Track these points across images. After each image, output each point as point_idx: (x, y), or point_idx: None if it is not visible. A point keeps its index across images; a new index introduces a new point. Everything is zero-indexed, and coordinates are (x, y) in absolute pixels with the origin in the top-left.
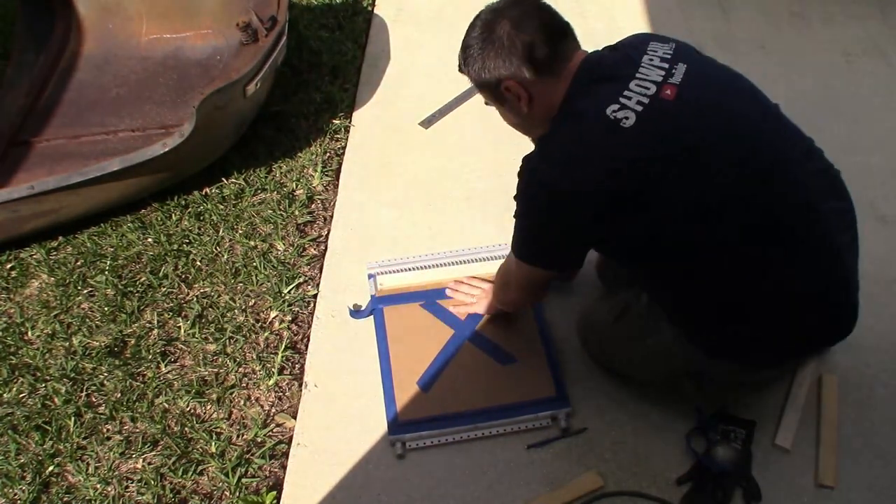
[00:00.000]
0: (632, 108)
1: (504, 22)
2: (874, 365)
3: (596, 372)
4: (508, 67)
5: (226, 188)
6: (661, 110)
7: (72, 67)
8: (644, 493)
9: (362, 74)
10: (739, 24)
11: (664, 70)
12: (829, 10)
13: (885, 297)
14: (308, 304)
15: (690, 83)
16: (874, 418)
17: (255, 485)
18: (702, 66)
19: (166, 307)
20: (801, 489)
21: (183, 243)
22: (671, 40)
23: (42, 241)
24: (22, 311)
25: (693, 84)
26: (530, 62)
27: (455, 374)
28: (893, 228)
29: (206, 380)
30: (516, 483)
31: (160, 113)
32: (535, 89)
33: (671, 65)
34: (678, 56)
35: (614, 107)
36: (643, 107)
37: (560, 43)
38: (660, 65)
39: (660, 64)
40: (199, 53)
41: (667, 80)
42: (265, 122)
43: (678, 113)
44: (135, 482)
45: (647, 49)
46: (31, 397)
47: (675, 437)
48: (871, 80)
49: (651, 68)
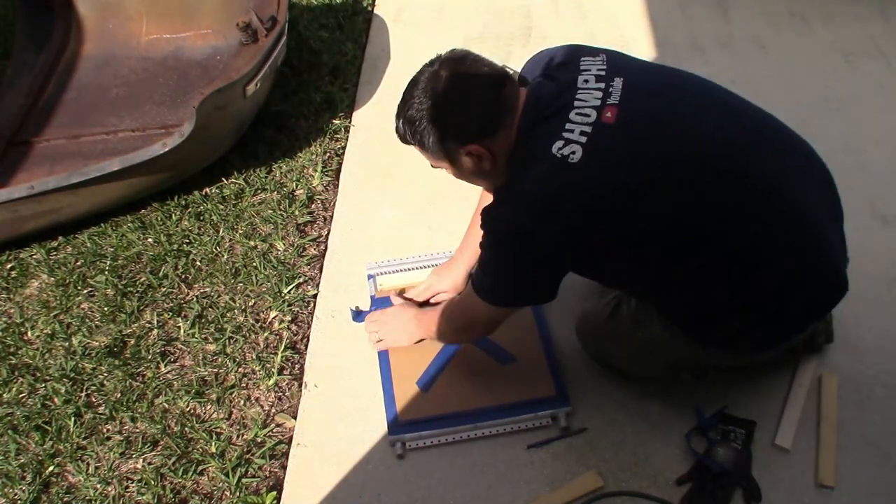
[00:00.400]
0: (576, 140)
1: (449, 89)
2: (874, 365)
3: (596, 372)
4: (464, 135)
5: (226, 188)
6: (606, 136)
7: (72, 67)
8: (644, 493)
9: (362, 74)
10: (739, 24)
11: (601, 90)
12: (829, 11)
13: (886, 297)
14: (308, 304)
15: (629, 98)
16: (874, 418)
17: (255, 485)
18: (637, 75)
19: (166, 307)
20: (801, 489)
21: (183, 243)
22: (601, 52)
23: (42, 241)
24: (22, 311)
25: (632, 99)
26: (488, 123)
27: (455, 373)
28: (893, 228)
29: (206, 380)
30: (516, 483)
31: (160, 113)
32: (494, 145)
33: (607, 83)
34: (612, 70)
35: (559, 143)
36: (587, 137)
37: (504, 93)
38: (596, 85)
39: (595, 85)
40: (199, 53)
41: (605, 101)
42: (265, 122)
43: (622, 135)
44: (135, 482)
45: (581, 68)
46: (31, 397)
47: (675, 437)
48: (871, 81)
49: (588, 91)
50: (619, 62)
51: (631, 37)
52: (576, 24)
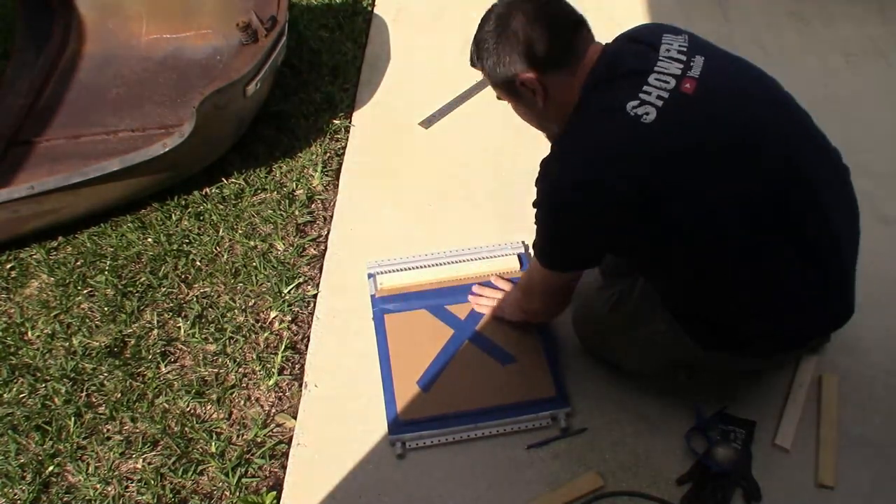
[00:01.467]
0: (652, 102)
1: (518, 16)
2: (874, 365)
3: (596, 372)
4: (524, 62)
5: (226, 188)
6: (682, 104)
7: (72, 67)
8: (644, 493)
9: (362, 74)
10: (739, 24)
11: (682, 63)
12: (829, 10)
13: (886, 297)
14: (308, 304)
15: (709, 75)
16: (874, 418)
17: (255, 485)
18: (718, 57)
19: (166, 307)
20: (801, 489)
21: (183, 243)
22: (683, 32)
23: (42, 241)
24: (22, 311)
25: (712, 76)
26: (546, 56)
27: (455, 374)
28: (894, 228)
29: (206, 380)
30: (516, 483)
31: (160, 113)
32: (551, 84)
33: (689, 57)
34: (694, 48)
35: (634, 102)
36: (663, 101)
37: (575, 37)
38: (677, 57)
39: (677, 56)
40: (199, 53)
41: (686, 73)
42: (265, 122)
43: (699, 106)
44: (135, 482)
45: (663, 41)
46: (31, 397)
47: (675, 437)
48: (871, 81)
49: (669, 61)
50: (701, 43)
51: None
52: None
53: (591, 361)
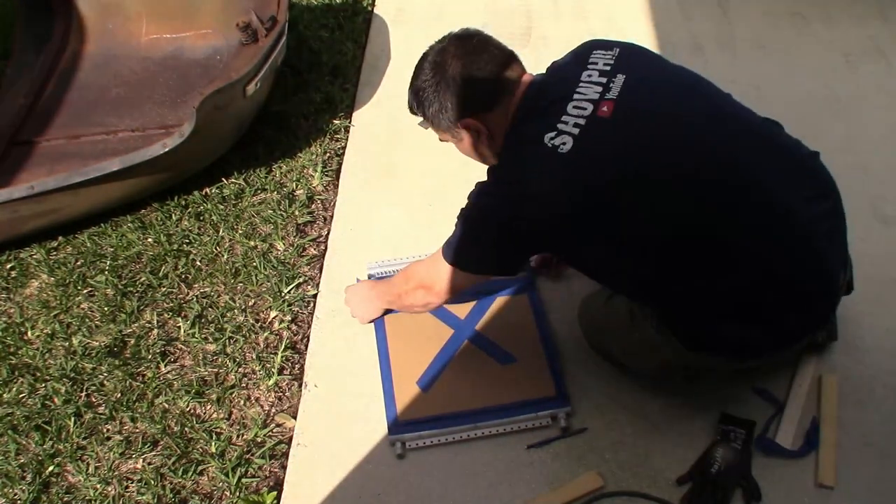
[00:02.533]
0: (568, 132)
1: (453, 62)
2: (874, 365)
3: (596, 372)
4: (465, 106)
5: (226, 188)
6: (598, 130)
7: (72, 67)
8: (644, 493)
9: (362, 74)
10: (739, 24)
11: (601, 85)
12: (829, 10)
13: (886, 297)
14: (308, 304)
15: (628, 95)
16: (874, 418)
17: (255, 485)
18: (641, 73)
19: (166, 307)
20: (801, 489)
21: (183, 243)
22: (616, 45)
23: (42, 241)
24: (22, 311)
25: (630, 95)
26: (483, 98)
27: (455, 373)
28: (893, 228)
29: (206, 380)
30: (516, 483)
31: (160, 113)
32: (490, 122)
33: (609, 78)
34: (619, 65)
35: (551, 134)
36: (580, 129)
37: (507, 73)
38: (598, 80)
39: (598, 79)
40: (199, 53)
41: (604, 95)
42: (265, 122)
43: (615, 130)
44: (135, 482)
45: (588, 62)
46: (31, 397)
47: (675, 437)
48: (871, 81)
49: (589, 86)
50: (630, 58)
51: (631, 37)
52: (576, 24)
53: (592, 361)
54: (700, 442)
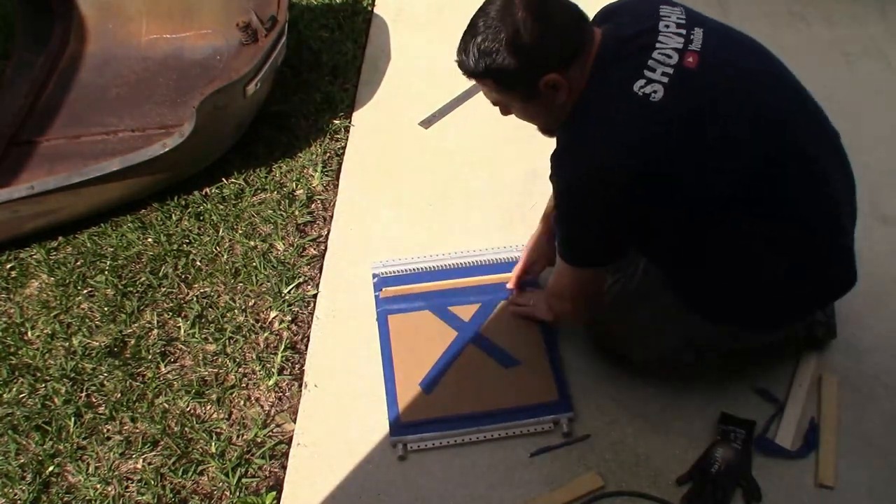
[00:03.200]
0: (657, 80)
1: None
2: (874, 365)
3: (596, 372)
4: (550, 61)
5: (226, 188)
6: (687, 79)
7: (72, 67)
8: (644, 493)
9: (362, 74)
10: (739, 24)
11: (682, 36)
12: (829, 10)
13: (886, 297)
14: (308, 304)
15: (709, 48)
16: (874, 418)
17: (255, 485)
18: (715, 29)
19: (166, 307)
20: (801, 489)
21: (183, 243)
22: (678, 4)
23: (42, 241)
24: (22, 311)
25: (712, 49)
26: (570, 50)
27: (458, 376)
28: (893, 228)
29: (206, 380)
30: (516, 483)
31: (160, 113)
32: (572, 77)
33: (687, 30)
34: (692, 21)
35: (640, 82)
36: (668, 77)
37: (585, 25)
38: (676, 31)
39: (676, 30)
40: (199, 53)
41: (687, 46)
42: (265, 122)
43: (703, 80)
44: (135, 482)
45: (660, 14)
46: (31, 397)
47: (675, 437)
48: (871, 80)
49: (669, 36)
50: (698, 16)
51: None
52: None
53: (592, 361)
54: (700, 442)
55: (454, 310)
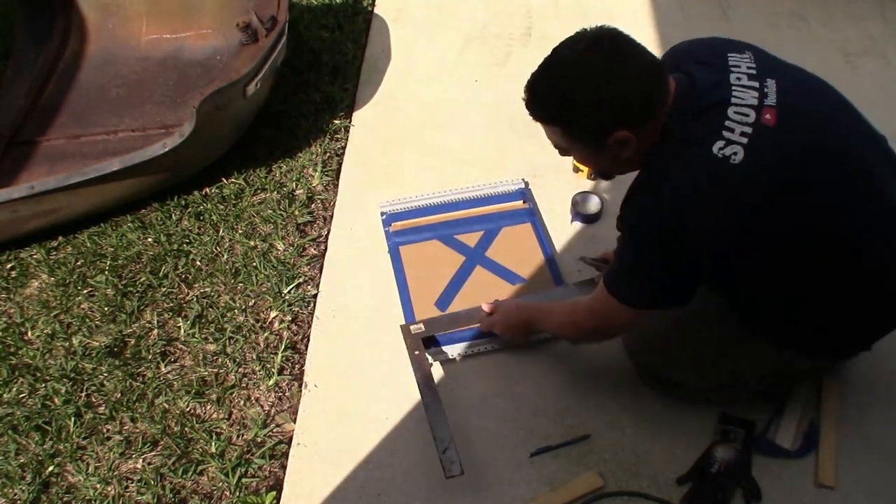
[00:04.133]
0: (737, 141)
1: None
2: (874, 365)
3: (596, 372)
4: (623, 120)
5: (226, 188)
6: (766, 138)
7: (72, 67)
8: (644, 493)
9: (362, 74)
10: (739, 24)
11: (756, 90)
12: (829, 10)
13: None
14: (308, 304)
15: (785, 101)
16: (874, 418)
17: (255, 485)
18: (786, 77)
19: (166, 307)
20: (801, 489)
21: (183, 243)
22: (745, 48)
23: (42, 241)
24: (22, 311)
25: (787, 102)
26: (648, 108)
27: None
28: None
29: (206, 380)
30: (516, 483)
31: (160, 113)
32: (643, 133)
33: (760, 82)
34: (763, 70)
35: (720, 143)
36: (748, 138)
37: (662, 82)
38: (749, 83)
39: (749, 83)
40: (199, 53)
41: (763, 101)
42: (265, 122)
43: (783, 137)
44: (135, 482)
45: (730, 64)
46: (31, 397)
47: (675, 437)
48: (872, 80)
49: (743, 90)
50: (768, 61)
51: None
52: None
53: (592, 362)
54: (700, 442)
55: (460, 237)
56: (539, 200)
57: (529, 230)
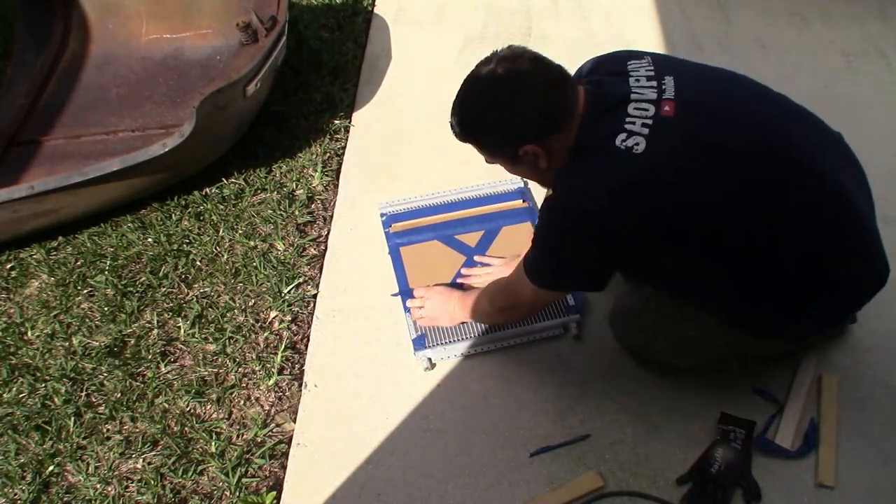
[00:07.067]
0: (638, 132)
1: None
2: (874, 365)
3: (596, 372)
4: (528, 135)
5: (226, 188)
6: (667, 128)
7: (72, 67)
8: (644, 493)
9: (362, 74)
10: (739, 24)
11: (654, 88)
12: (829, 10)
13: (886, 297)
14: (308, 304)
15: (684, 94)
16: (874, 418)
17: (255, 485)
18: (686, 73)
19: (166, 307)
20: (801, 489)
21: (183, 243)
22: (644, 55)
23: (42, 241)
24: (22, 311)
25: (686, 94)
26: (550, 124)
27: None
28: (894, 228)
29: (206, 380)
30: (516, 483)
31: (160, 113)
32: (552, 144)
33: (658, 80)
34: (661, 70)
35: (622, 136)
36: (649, 129)
37: (568, 94)
38: (648, 84)
39: (647, 84)
40: (199, 53)
41: (661, 96)
42: (265, 122)
43: (682, 127)
44: (135, 482)
45: (629, 69)
46: (31, 397)
47: (675, 437)
48: (871, 81)
49: (642, 88)
50: (666, 62)
51: (631, 37)
52: (576, 24)
53: (592, 361)
54: (700, 442)
55: (460, 237)
56: (539, 199)
57: (530, 229)
